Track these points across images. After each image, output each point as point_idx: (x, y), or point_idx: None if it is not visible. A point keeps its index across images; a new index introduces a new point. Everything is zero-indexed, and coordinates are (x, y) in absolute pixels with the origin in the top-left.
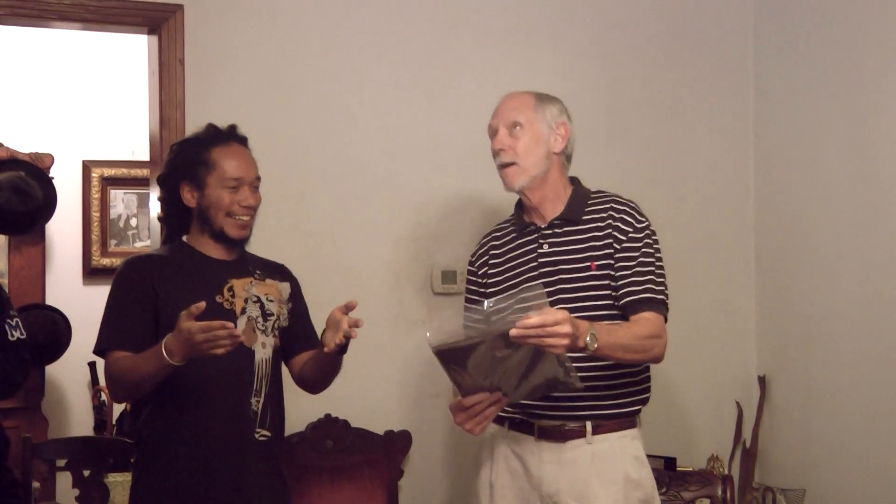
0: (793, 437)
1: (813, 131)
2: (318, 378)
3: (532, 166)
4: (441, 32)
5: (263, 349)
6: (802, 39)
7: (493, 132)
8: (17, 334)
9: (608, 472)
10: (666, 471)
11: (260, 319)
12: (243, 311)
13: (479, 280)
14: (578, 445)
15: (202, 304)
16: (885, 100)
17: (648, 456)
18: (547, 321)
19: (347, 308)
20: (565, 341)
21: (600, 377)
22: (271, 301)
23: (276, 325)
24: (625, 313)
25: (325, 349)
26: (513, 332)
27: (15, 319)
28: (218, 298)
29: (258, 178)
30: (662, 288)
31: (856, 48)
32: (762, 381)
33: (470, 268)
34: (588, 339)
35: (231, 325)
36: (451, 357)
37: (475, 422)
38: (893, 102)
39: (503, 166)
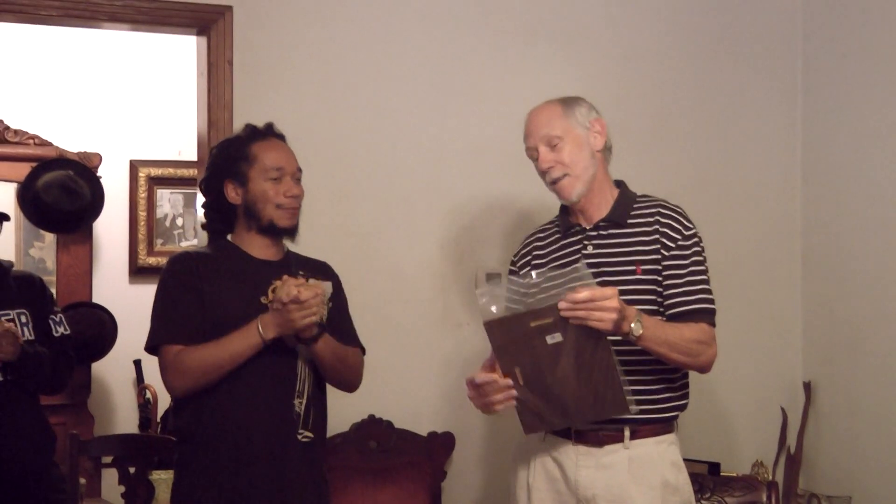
0: (838, 444)
1: (861, 136)
2: (328, 372)
3: (583, 171)
4: (487, 37)
5: (306, 350)
6: (852, 43)
7: (533, 153)
8: (61, 330)
9: (645, 477)
10: (710, 476)
11: None
12: None
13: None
14: (616, 450)
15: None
16: None
17: (693, 461)
18: (595, 296)
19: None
20: (613, 316)
21: (638, 381)
22: None
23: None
24: (673, 322)
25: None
26: (561, 303)
27: (59, 315)
28: (263, 299)
29: (299, 170)
30: (712, 297)
31: None
32: (807, 387)
33: (511, 268)
34: (634, 324)
35: (318, 282)
36: (502, 336)
37: (483, 403)
38: None
39: (555, 181)
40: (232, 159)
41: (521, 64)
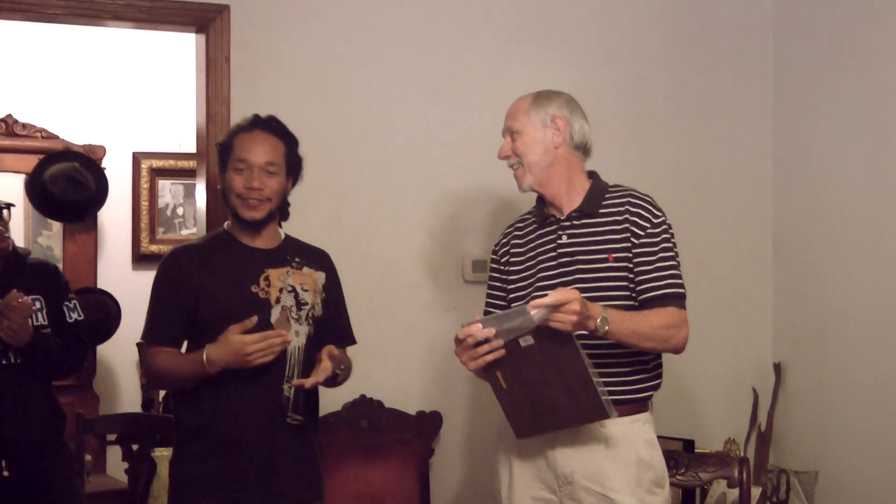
0: (806, 422)
1: (830, 126)
2: (332, 385)
3: (534, 164)
4: (473, 37)
5: (297, 337)
6: (820, 36)
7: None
8: (74, 316)
9: (621, 455)
10: (685, 452)
11: (294, 308)
12: (278, 300)
13: (502, 268)
14: (592, 429)
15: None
16: None
17: (668, 438)
18: (559, 300)
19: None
20: (573, 318)
21: (612, 364)
22: (306, 290)
23: (309, 315)
24: (644, 308)
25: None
26: (531, 303)
27: (73, 302)
28: (253, 288)
29: (270, 164)
30: (681, 282)
31: (873, 45)
32: (777, 368)
33: (493, 256)
34: (598, 321)
35: (284, 332)
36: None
37: (469, 356)
38: None
39: (512, 167)
40: (221, 148)
41: (505, 61)
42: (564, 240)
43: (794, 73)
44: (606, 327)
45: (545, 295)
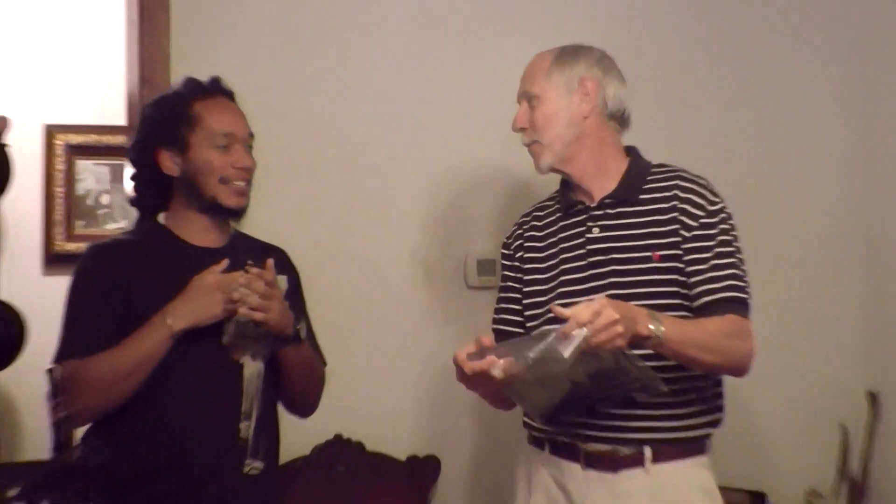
0: None
1: None
2: (292, 387)
3: (555, 140)
4: None
5: (253, 361)
6: None
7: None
8: None
9: None
10: None
11: (250, 325)
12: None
13: (516, 265)
14: (634, 475)
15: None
16: None
17: (730, 489)
18: (586, 318)
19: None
20: (618, 329)
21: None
22: None
23: (269, 332)
24: (699, 317)
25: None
26: (562, 331)
27: None
28: None
29: (251, 136)
30: (745, 285)
31: None
32: (873, 398)
33: (504, 251)
34: (652, 324)
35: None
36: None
37: (478, 384)
38: None
39: (527, 145)
40: (169, 121)
41: (517, 12)
42: (596, 233)
43: (887, 35)
44: (662, 328)
45: (570, 303)
